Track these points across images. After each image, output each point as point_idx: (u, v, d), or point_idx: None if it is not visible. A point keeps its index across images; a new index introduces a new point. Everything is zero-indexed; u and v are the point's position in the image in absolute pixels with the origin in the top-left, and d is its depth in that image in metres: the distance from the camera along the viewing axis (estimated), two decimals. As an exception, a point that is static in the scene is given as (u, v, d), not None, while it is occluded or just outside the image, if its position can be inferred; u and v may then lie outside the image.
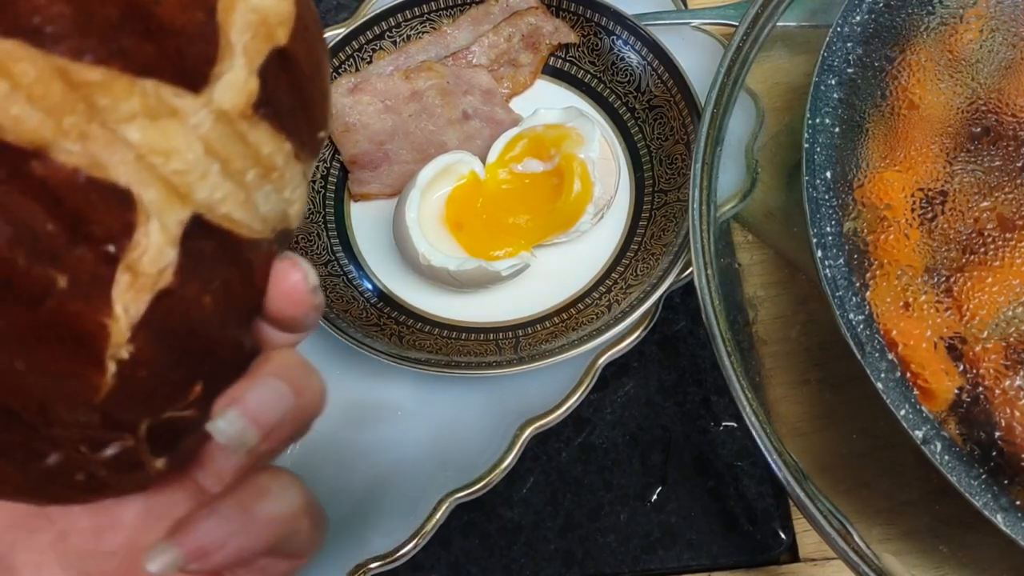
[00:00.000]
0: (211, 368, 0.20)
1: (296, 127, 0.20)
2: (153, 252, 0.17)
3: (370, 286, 0.44)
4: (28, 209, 0.15)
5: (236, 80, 0.18)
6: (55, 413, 0.17)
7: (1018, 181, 0.33)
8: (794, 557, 0.40)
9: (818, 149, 0.33)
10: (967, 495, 0.28)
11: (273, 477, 0.21)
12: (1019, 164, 0.33)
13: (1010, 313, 0.31)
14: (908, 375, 0.30)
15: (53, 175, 0.16)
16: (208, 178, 0.18)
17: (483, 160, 0.44)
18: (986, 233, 0.32)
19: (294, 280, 0.21)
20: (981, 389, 0.30)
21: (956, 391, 0.30)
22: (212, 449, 0.22)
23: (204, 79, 0.17)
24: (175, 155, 0.17)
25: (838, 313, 0.31)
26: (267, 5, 0.18)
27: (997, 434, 0.29)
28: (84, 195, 0.16)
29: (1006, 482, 0.29)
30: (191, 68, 0.17)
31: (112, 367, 0.17)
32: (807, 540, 0.40)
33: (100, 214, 0.16)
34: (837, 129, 0.33)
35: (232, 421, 0.19)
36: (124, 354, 0.17)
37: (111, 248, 0.16)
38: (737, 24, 0.39)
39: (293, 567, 0.23)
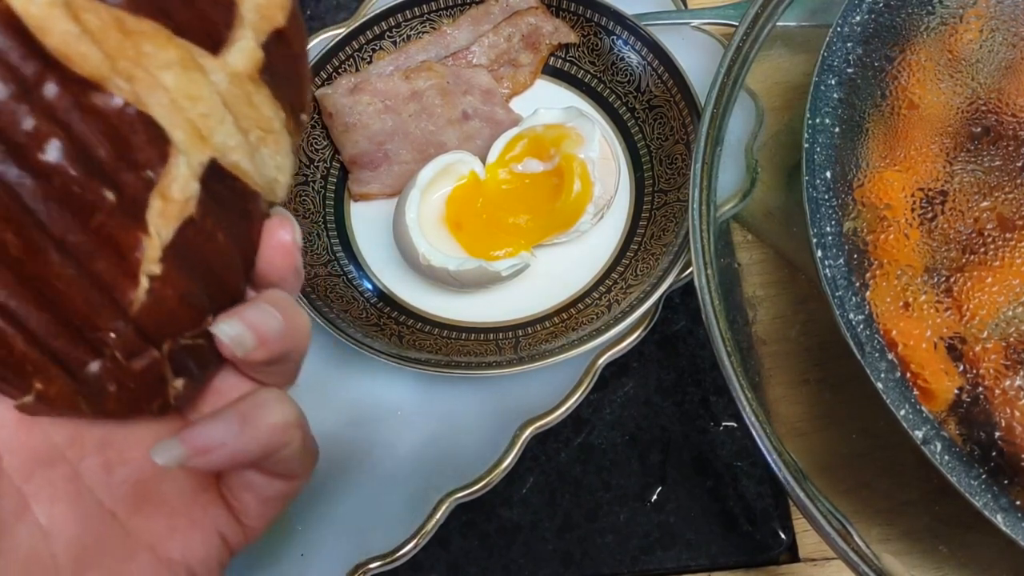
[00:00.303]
0: (220, 306, 0.23)
1: (288, 99, 0.24)
2: (182, 181, 0.20)
3: (370, 286, 0.44)
4: (88, 133, 0.19)
5: (246, 47, 0.22)
6: (99, 319, 0.20)
7: (1018, 181, 0.33)
8: (794, 557, 0.40)
9: (818, 149, 0.33)
10: (967, 495, 0.28)
11: (268, 392, 0.24)
12: (1019, 164, 0.33)
13: (1010, 313, 0.31)
14: (908, 375, 0.30)
15: (108, 105, 0.19)
16: (224, 125, 0.21)
17: (483, 160, 0.44)
18: (986, 233, 0.32)
19: (282, 233, 0.24)
20: (981, 389, 0.30)
21: (956, 391, 0.30)
22: (211, 396, 0.25)
23: (223, 42, 0.21)
24: (200, 101, 0.21)
25: (838, 313, 0.31)
26: None
27: (997, 434, 0.29)
28: (131, 126, 0.19)
29: (1006, 482, 0.29)
30: (214, 32, 0.21)
31: (145, 283, 0.21)
32: (807, 540, 0.40)
33: (142, 143, 0.20)
34: (837, 129, 0.33)
35: (233, 325, 0.22)
36: (156, 270, 0.20)
37: (150, 173, 0.20)
38: (737, 24, 0.39)
39: (287, 490, 0.26)
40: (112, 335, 0.21)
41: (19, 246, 0.19)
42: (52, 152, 0.19)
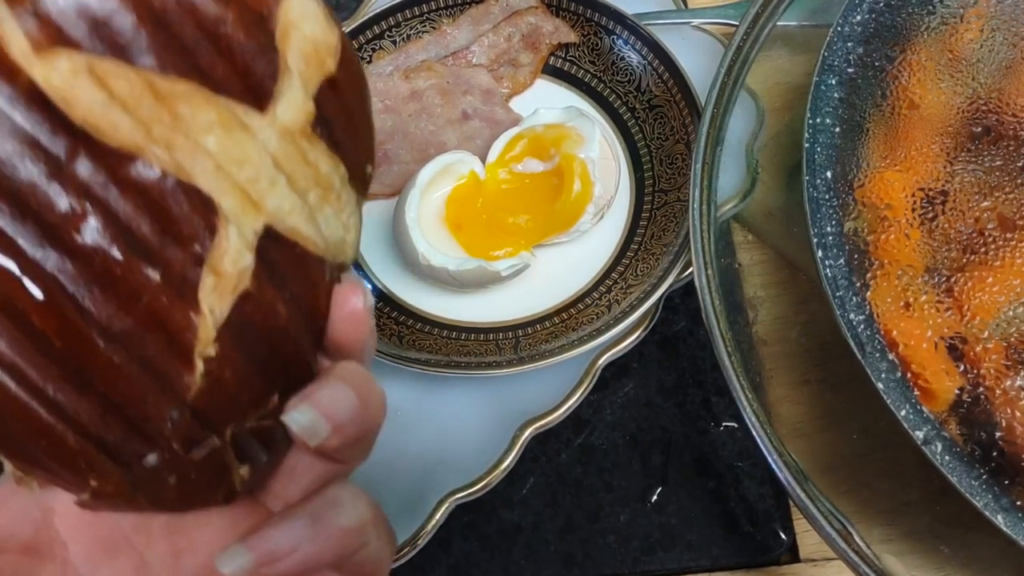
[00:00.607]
0: (286, 383, 0.21)
1: (347, 151, 0.22)
2: (233, 253, 0.19)
3: (370, 286, 0.44)
4: (126, 209, 0.18)
5: (295, 100, 0.20)
6: (153, 408, 0.19)
7: (1019, 181, 0.32)
8: (795, 558, 0.40)
9: (818, 149, 0.33)
10: (968, 496, 0.28)
11: (343, 489, 0.22)
12: (1020, 164, 0.33)
13: (1011, 313, 0.31)
14: (909, 375, 0.30)
15: (146, 178, 0.18)
16: (277, 187, 0.20)
17: (483, 160, 0.44)
18: (987, 233, 0.32)
19: (354, 301, 0.22)
20: (982, 389, 0.30)
21: (957, 391, 0.30)
22: (282, 475, 0.23)
23: (268, 96, 0.19)
24: (248, 163, 0.19)
25: (838, 313, 0.31)
26: (318, 36, 0.20)
27: (998, 434, 0.29)
28: (173, 197, 0.18)
29: (1007, 482, 0.28)
30: (256, 85, 0.19)
31: (201, 365, 0.19)
32: (808, 541, 0.40)
33: (187, 215, 0.18)
34: (838, 129, 0.33)
35: (304, 412, 0.20)
36: (211, 352, 0.19)
37: (197, 248, 0.18)
38: (737, 24, 0.39)
39: None
40: (168, 424, 0.19)
41: (63, 336, 0.18)
42: (89, 233, 0.17)
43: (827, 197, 0.32)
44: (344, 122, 0.22)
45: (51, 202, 0.17)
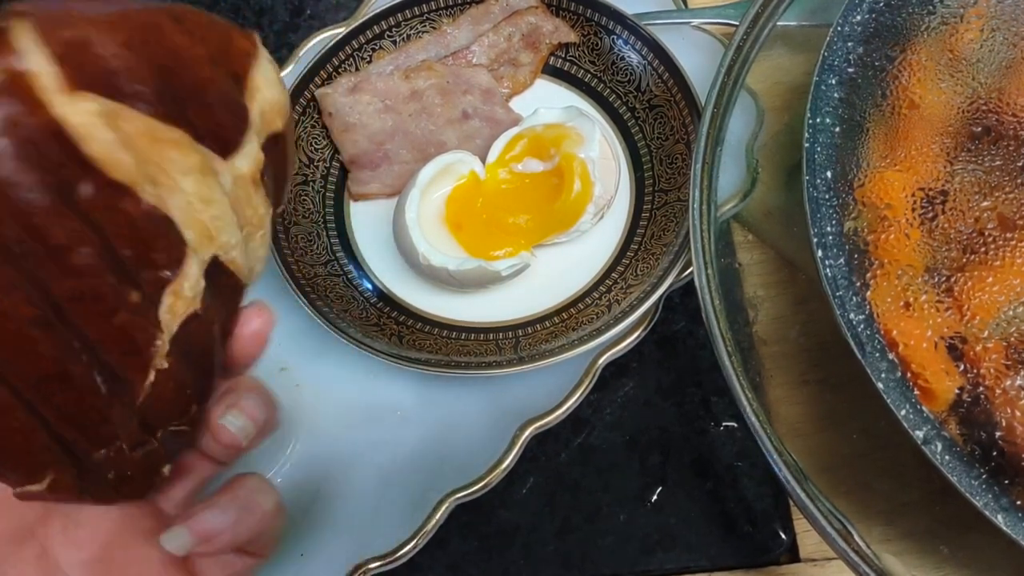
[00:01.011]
0: (204, 393, 0.24)
1: (275, 196, 0.25)
2: (192, 280, 0.22)
3: (370, 286, 0.44)
4: (118, 235, 0.20)
5: (252, 151, 0.23)
6: (112, 412, 0.21)
7: (1019, 180, 0.32)
8: (794, 557, 0.40)
9: (818, 148, 0.33)
10: (968, 495, 0.28)
11: (257, 479, 0.26)
12: (1020, 164, 0.33)
13: (1011, 313, 0.31)
14: (908, 375, 0.30)
15: (136, 209, 0.20)
16: (230, 225, 0.22)
17: (483, 160, 0.44)
18: (987, 233, 0.32)
19: (260, 323, 0.25)
20: (982, 389, 0.30)
21: (957, 391, 0.30)
22: (172, 476, 0.26)
23: (234, 146, 0.22)
24: (213, 203, 0.22)
25: (838, 313, 0.31)
26: (275, 97, 0.23)
27: (998, 434, 0.29)
28: (155, 228, 0.20)
29: (1007, 482, 0.28)
30: (227, 138, 0.22)
31: (152, 376, 0.21)
32: (807, 540, 0.40)
33: (163, 245, 0.21)
34: (838, 128, 0.33)
35: (238, 416, 0.25)
36: (164, 364, 0.22)
37: (167, 273, 0.21)
38: (737, 23, 0.39)
39: (254, 564, 0.27)
40: (119, 427, 0.22)
41: (48, 344, 0.19)
42: (86, 254, 0.19)
43: (827, 197, 0.32)
44: (278, 171, 0.25)
45: (56, 225, 0.19)
